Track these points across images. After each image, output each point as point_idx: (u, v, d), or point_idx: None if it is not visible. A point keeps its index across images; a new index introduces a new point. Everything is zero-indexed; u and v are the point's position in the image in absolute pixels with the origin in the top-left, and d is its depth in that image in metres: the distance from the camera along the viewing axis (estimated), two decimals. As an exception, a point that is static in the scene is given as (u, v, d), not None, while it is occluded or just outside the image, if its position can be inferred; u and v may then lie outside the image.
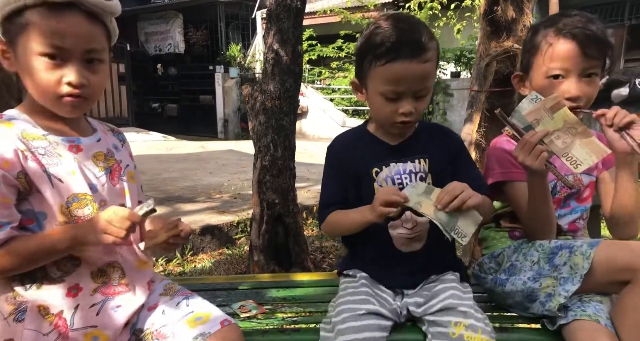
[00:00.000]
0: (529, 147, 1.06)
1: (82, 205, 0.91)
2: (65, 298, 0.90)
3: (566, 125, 1.07)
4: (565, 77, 1.16)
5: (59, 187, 0.88)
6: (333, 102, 10.47)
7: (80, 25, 0.88)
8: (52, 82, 0.87)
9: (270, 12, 2.42)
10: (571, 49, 1.14)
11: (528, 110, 1.09)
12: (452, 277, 1.15)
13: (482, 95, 2.21)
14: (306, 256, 2.59)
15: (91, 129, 1.02)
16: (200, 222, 3.14)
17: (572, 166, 1.07)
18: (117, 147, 1.05)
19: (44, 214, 0.89)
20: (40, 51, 0.86)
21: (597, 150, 1.07)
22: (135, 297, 0.98)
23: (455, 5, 7.49)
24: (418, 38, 1.05)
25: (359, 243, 1.21)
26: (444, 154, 1.18)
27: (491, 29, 2.18)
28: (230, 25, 12.36)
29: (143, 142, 8.64)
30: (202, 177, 4.99)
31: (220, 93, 11.25)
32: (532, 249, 1.18)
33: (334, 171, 1.23)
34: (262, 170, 2.45)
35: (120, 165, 1.01)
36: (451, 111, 8.30)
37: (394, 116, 1.10)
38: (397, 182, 1.15)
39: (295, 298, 1.32)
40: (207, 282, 1.43)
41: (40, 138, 0.90)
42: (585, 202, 1.28)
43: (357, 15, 9.62)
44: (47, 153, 0.89)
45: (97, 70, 0.92)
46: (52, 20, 0.85)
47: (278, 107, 2.43)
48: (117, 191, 0.99)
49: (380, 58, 1.06)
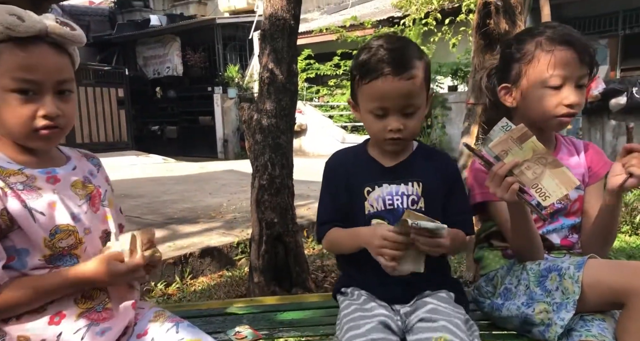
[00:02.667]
0: (498, 179, 1.04)
1: (66, 235, 0.90)
2: (47, 327, 0.88)
3: (535, 155, 1.04)
4: (563, 85, 1.14)
5: (41, 221, 0.87)
6: (332, 119, 10.52)
7: (49, 57, 0.87)
8: (27, 117, 0.87)
9: (264, 32, 2.43)
10: (570, 55, 1.13)
11: (495, 142, 1.05)
12: (444, 296, 1.13)
13: (478, 108, 2.20)
14: (307, 276, 2.54)
15: (64, 157, 1.01)
16: (199, 244, 3.10)
17: (541, 198, 1.04)
18: (92, 173, 1.04)
19: (27, 250, 0.88)
20: (12, 87, 0.85)
21: (567, 182, 1.03)
22: (119, 321, 0.95)
23: (450, 20, 7.58)
24: (400, 56, 1.07)
25: (353, 264, 1.20)
26: (438, 180, 1.17)
27: (485, 42, 2.18)
28: (228, 47, 12.53)
29: (143, 165, 8.64)
30: (201, 198, 4.97)
31: (220, 114, 11.33)
32: (524, 272, 1.14)
33: (329, 186, 1.24)
34: (260, 189, 2.43)
35: (99, 190, 1.01)
36: (450, 124, 8.31)
37: (383, 133, 1.11)
38: (387, 203, 1.14)
39: (293, 321, 1.28)
40: (201, 308, 1.39)
41: (17, 173, 0.89)
42: (574, 216, 1.24)
43: (354, 33, 9.74)
44: (26, 188, 0.88)
45: (68, 100, 0.92)
46: (20, 55, 0.84)
47: (274, 125, 2.42)
48: (99, 217, 0.98)
49: (365, 76, 1.09)
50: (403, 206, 1.14)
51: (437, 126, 8.45)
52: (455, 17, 7.56)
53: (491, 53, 2.20)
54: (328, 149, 9.80)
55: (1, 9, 0.84)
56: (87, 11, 15.35)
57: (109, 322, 0.93)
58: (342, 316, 1.10)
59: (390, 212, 1.14)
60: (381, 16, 10.01)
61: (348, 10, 12.70)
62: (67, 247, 0.90)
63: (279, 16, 2.38)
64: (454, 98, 8.27)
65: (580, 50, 1.12)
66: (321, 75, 10.74)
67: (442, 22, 7.73)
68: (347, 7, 13.17)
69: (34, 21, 0.85)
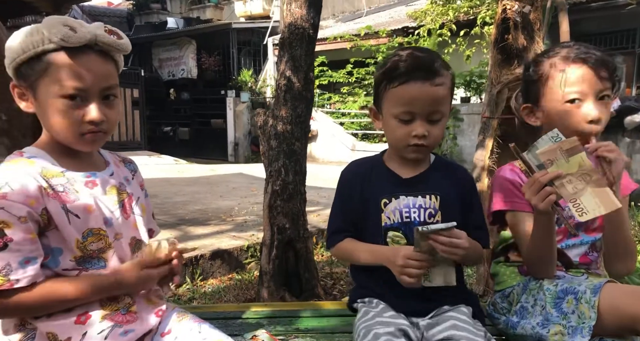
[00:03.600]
0: (537, 187, 1.04)
1: (97, 239, 0.94)
2: (74, 325, 0.91)
3: (580, 170, 1.03)
4: (583, 101, 1.15)
5: (76, 223, 0.91)
6: (343, 126, 10.54)
7: (97, 65, 0.91)
8: (74, 122, 0.90)
9: (283, 39, 2.47)
10: (585, 72, 1.14)
11: (543, 149, 1.05)
12: (464, 310, 1.13)
13: (494, 122, 2.21)
14: (316, 283, 2.55)
15: (104, 162, 1.05)
16: (210, 246, 3.13)
17: (578, 213, 1.03)
18: (128, 180, 1.07)
19: (60, 249, 0.91)
20: (62, 93, 0.89)
21: (608, 202, 1.02)
22: (143, 324, 0.98)
23: (465, 32, 7.59)
24: (430, 63, 1.10)
25: (368, 275, 1.20)
26: (456, 194, 1.18)
27: (502, 56, 2.19)
28: (242, 51, 12.66)
29: (155, 165, 8.73)
30: (212, 200, 5.01)
31: (232, 117, 11.42)
32: (541, 291, 1.14)
33: (344, 197, 1.24)
34: (273, 194, 2.45)
35: (132, 197, 1.04)
36: (461, 136, 8.29)
37: (407, 139, 1.12)
38: (404, 216, 1.15)
39: (308, 328, 1.29)
40: (218, 310, 1.41)
41: (59, 175, 0.93)
42: (595, 233, 1.22)
43: (368, 41, 9.78)
44: (66, 190, 0.92)
45: (113, 106, 0.95)
46: (71, 63, 0.88)
47: (289, 132, 2.45)
48: (130, 224, 1.01)
49: (394, 80, 1.11)
50: (419, 219, 1.14)
51: (448, 137, 8.43)
52: (470, 29, 7.56)
53: (508, 68, 2.22)
54: (338, 156, 9.83)
55: (55, 20, 0.88)
56: (106, 12, 15.63)
57: (132, 325, 0.96)
58: (360, 323, 1.10)
59: (407, 224, 1.14)
60: (395, 26, 10.04)
61: (363, 18, 12.78)
62: (96, 250, 0.94)
63: (298, 25, 2.42)
64: (466, 109, 8.26)
65: (596, 66, 1.14)
66: (333, 82, 10.80)
67: (456, 34, 7.74)
68: (362, 15, 13.24)
69: (85, 32, 0.89)
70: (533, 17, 2.15)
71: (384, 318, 1.08)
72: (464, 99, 8.72)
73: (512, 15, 2.13)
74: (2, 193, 0.84)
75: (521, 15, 2.11)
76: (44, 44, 0.87)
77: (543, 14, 2.25)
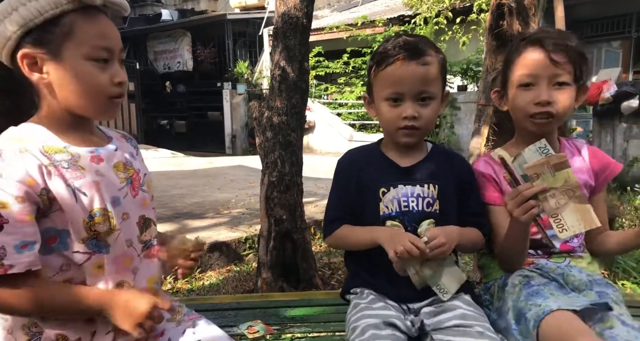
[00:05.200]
0: (520, 199, 1.03)
1: (104, 219, 0.88)
2: (83, 325, 0.89)
3: (565, 186, 1.02)
4: (535, 85, 1.14)
5: (83, 201, 0.85)
6: (340, 117, 10.51)
7: (113, 26, 0.90)
8: (106, 84, 0.88)
9: (277, 29, 2.44)
10: (538, 55, 1.14)
11: (531, 164, 1.03)
12: (466, 298, 1.13)
13: (489, 109, 2.20)
14: (314, 273, 2.56)
15: (106, 137, 0.99)
16: (208, 238, 3.13)
17: (558, 229, 1.03)
18: (133, 155, 1.02)
19: (67, 231, 0.85)
20: (93, 55, 0.86)
21: (588, 220, 1.02)
22: None
23: (461, 19, 7.54)
24: (416, 43, 1.11)
25: (362, 264, 1.20)
26: (454, 183, 1.17)
27: (497, 43, 2.17)
28: (238, 43, 12.56)
29: (152, 158, 8.70)
30: (210, 193, 5.00)
31: (228, 110, 11.37)
32: (510, 296, 1.14)
33: (341, 186, 1.23)
34: (269, 186, 2.45)
35: (139, 174, 0.98)
36: (459, 124, 8.28)
37: (397, 121, 1.12)
38: (403, 205, 1.14)
39: (304, 318, 1.30)
40: (214, 302, 1.42)
41: (62, 151, 0.87)
42: None
43: (364, 31, 9.71)
44: (71, 167, 0.86)
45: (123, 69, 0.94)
46: (95, 23, 0.86)
47: (285, 123, 2.44)
48: (138, 202, 0.96)
49: (382, 63, 1.12)
50: (418, 208, 1.14)
51: (445, 126, 8.42)
52: (467, 16, 7.51)
53: (503, 54, 2.20)
54: (335, 147, 9.81)
55: None
56: (99, 5, 15.41)
57: None
58: (349, 317, 1.11)
59: (405, 213, 1.14)
60: (391, 14, 9.97)
61: (358, 7, 12.67)
62: (102, 233, 0.87)
63: (292, 14, 2.39)
64: (463, 98, 8.23)
65: (552, 49, 1.12)
66: (330, 73, 10.75)
67: (453, 21, 7.69)
68: (358, 4, 13.13)
69: None
70: (528, 3, 2.13)
71: (372, 310, 1.08)
72: (460, 87, 8.68)
73: (507, 1, 2.10)
74: None
75: (516, 0, 2.09)
76: (61, 4, 0.83)
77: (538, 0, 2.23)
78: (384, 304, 1.11)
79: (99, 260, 0.88)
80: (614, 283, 1.57)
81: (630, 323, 1.02)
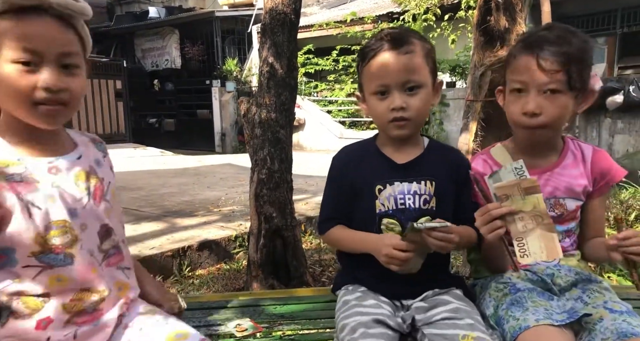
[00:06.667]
0: (487, 218, 1.03)
1: (62, 232, 0.86)
2: (34, 332, 0.85)
3: (534, 211, 1.02)
4: (525, 92, 1.11)
5: (36, 215, 0.83)
6: (330, 114, 10.51)
7: (52, 28, 0.84)
8: (26, 88, 0.82)
9: (264, 26, 2.43)
10: (529, 62, 1.09)
11: (502, 184, 1.03)
12: (457, 292, 1.14)
13: (477, 105, 2.21)
14: (305, 270, 2.56)
15: (72, 143, 0.96)
16: (197, 237, 3.11)
17: (519, 254, 1.03)
18: (99, 162, 0.99)
19: (13, 249, 0.83)
20: (13, 58, 0.81)
21: (551, 250, 1.02)
22: (107, 317, 0.93)
23: (449, 16, 7.56)
24: (397, 34, 1.11)
25: (354, 260, 1.19)
26: (451, 180, 1.16)
27: (485, 38, 2.18)
28: (227, 40, 12.47)
29: (140, 157, 8.62)
30: (199, 191, 4.97)
31: (218, 108, 11.30)
32: (491, 303, 1.14)
33: (335, 183, 1.21)
34: (259, 183, 2.43)
35: (102, 183, 0.96)
36: (448, 121, 8.33)
37: (387, 113, 1.10)
38: (399, 202, 1.13)
39: (293, 315, 1.29)
40: (202, 301, 1.40)
41: (15, 164, 0.84)
42: (569, 223, 1.21)
43: (354, 28, 9.71)
44: (24, 180, 0.84)
45: (75, 75, 0.87)
46: (21, 25, 0.82)
47: (274, 120, 2.43)
48: (99, 212, 0.94)
49: (365, 57, 1.12)
50: (414, 206, 1.13)
51: (434, 122, 8.46)
52: (455, 13, 7.53)
53: (491, 50, 2.21)
54: (326, 144, 9.81)
55: None
56: (85, 2, 15.19)
57: (99, 322, 0.91)
58: (338, 314, 1.11)
59: (402, 211, 1.13)
60: (380, 11, 9.97)
61: (347, 4, 12.65)
62: (61, 245, 0.86)
63: (280, 10, 2.38)
64: (452, 94, 8.28)
65: (542, 56, 1.07)
66: (320, 70, 10.73)
67: (441, 18, 7.71)
68: (347, 1, 13.11)
69: None
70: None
71: (362, 307, 1.08)
72: (449, 84, 8.73)
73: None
74: None
75: (503, -4, 2.10)
76: None
77: (525, -5, 2.24)
78: (375, 301, 1.10)
79: (58, 273, 0.86)
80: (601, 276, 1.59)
81: (619, 309, 1.03)
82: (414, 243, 1.04)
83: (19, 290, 0.84)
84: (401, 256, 1.03)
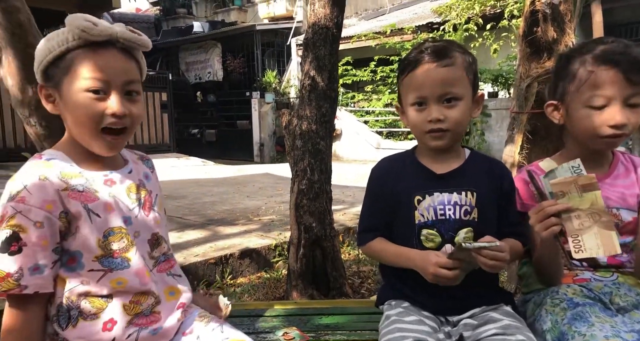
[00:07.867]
0: (542, 215, 1.01)
1: (118, 238, 0.94)
2: (101, 333, 0.92)
3: (591, 208, 1.00)
4: (608, 106, 1.09)
5: (97, 222, 0.92)
6: (367, 125, 10.50)
7: (118, 59, 0.94)
8: (97, 114, 0.92)
9: (307, 40, 2.48)
10: (614, 75, 1.07)
11: (557, 180, 1.01)
12: (507, 309, 1.11)
13: (523, 117, 2.16)
14: (344, 281, 2.56)
15: (122, 161, 1.05)
16: (239, 245, 3.17)
17: (574, 249, 1.00)
18: (147, 176, 1.08)
19: (81, 253, 0.92)
20: (85, 87, 0.91)
21: (609, 246, 0.99)
22: (167, 323, 0.99)
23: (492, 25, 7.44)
24: (437, 47, 1.11)
25: (398, 275, 1.19)
26: (493, 191, 1.15)
27: (531, 50, 2.14)
28: (266, 53, 12.78)
29: (184, 167, 8.92)
30: (240, 200, 5.08)
31: (257, 118, 11.55)
32: (548, 318, 1.09)
33: (374, 194, 1.22)
34: (299, 193, 2.47)
35: (151, 195, 1.04)
36: (489, 132, 8.14)
37: (424, 125, 1.11)
38: (439, 213, 1.12)
39: (339, 325, 1.30)
40: (249, 308, 1.44)
41: (78, 176, 0.93)
42: (626, 236, 1.15)
43: (393, 39, 9.71)
44: (86, 190, 0.92)
45: (135, 101, 0.97)
46: (93, 57, 0.91)
47: (314, 131, 2.47)
48: (150, 221, 1.02)
49: (406, 69, 1.13)
50: (455, 216, 1.11)
51: (476, 133, 8.28)
52: (497, 22, 7.41)
53: (537, 61, 2.16)
54: (362, 154, 9.80)
55: (78, 15, 0.91)
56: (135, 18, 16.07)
57: (158, 323, 0.97)
58: (381, 329, 1.10)
59: (442, 222, 1.12)
60: (420, 22, 9.93)
61: (386, 16, 12.68)
62: (118, 250, 0.94)
63: (322, 25, 2.43)
64: (494, 105, 8.09)
65: (627, 69, 1.06)
66: (357, 81, 10.77)
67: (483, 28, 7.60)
68: (385, 12, 13.15)
69: (106, 26, 0.92)
70: (563, 8, 2.09)
71: (405, 324, 1.07)
72: (491, 94, 8.55)
73: (541, 7, 2.07)
74: (20, 196, 0.85)
75: (551, 6, 2.05)
76: (68, 42, 0.90)
77: (574, 5, 2.18)
78: (417, 317, 1.09)
79: (118, 276, 0.93)
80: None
81: None
82: (460, 260, 1.03)
83: (86, 290, 0.92)
84: (449, 275, 1.02)
